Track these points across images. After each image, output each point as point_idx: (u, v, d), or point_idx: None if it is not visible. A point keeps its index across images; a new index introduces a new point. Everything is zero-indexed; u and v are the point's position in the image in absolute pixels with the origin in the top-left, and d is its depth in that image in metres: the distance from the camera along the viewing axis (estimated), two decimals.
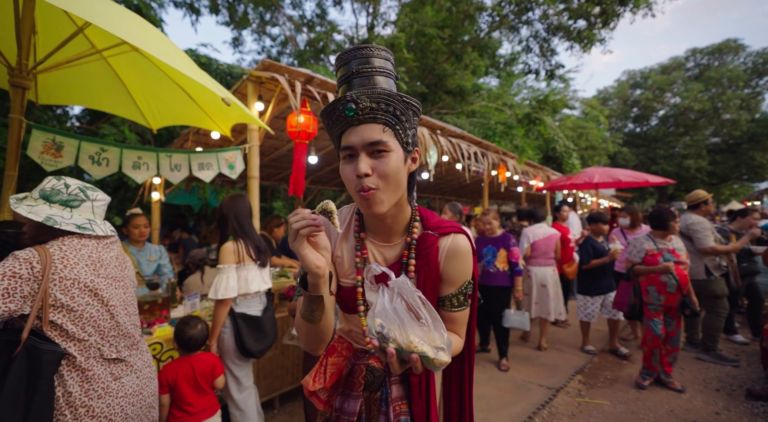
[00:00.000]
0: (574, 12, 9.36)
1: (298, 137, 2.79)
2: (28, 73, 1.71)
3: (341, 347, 1.00)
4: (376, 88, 0.76)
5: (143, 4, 5.71)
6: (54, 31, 2.10)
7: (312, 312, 0.78)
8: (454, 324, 0.91)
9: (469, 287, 0.90)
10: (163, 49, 1.55)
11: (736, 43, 22.93)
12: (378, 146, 0.76)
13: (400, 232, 0.90)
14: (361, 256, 0.90)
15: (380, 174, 0.76)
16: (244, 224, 2.19)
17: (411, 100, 0.78)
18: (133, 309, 1.38)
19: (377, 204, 0.77)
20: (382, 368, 0.92)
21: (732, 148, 21.96)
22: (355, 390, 0.93)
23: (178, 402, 1.84)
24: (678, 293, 2.86)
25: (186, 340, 1.90)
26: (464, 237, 0.89)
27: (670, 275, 2.87)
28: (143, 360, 1.36)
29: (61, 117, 6.51)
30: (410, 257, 0.86)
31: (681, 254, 2.97)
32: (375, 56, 0.79)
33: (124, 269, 1.36)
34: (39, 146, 2.03)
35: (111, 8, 1.56)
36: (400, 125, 0.78)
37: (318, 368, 0.99)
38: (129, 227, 2.85)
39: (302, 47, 13.02)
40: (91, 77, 2.47)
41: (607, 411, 2.72)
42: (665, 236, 3.03)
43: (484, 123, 8.69)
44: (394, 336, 0.65)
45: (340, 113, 0.77)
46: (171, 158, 2.69)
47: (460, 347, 0.93)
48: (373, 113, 0.75)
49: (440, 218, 0.93)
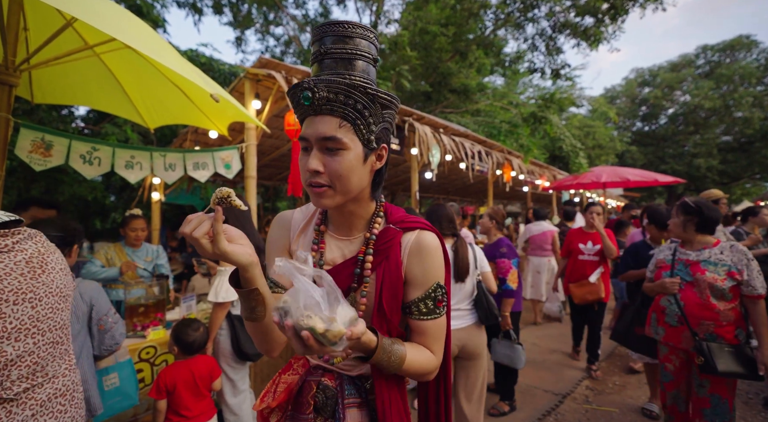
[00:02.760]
0: (582, 8, 9.20)
1: (296, 135, 2.74)
2: (15, 70, 1.67)
3: (297, 364, 0.90)
4: (335, 78, 0.68)
5: (145, 3, 5.71)
6: (46, 28, 2.06)
7: (253, 309, 0.71)
8: (424, 337, 0.80)
9: (439, 291, 0.80)
10: (151, 44, 1.50)
11: (748, 40, 22.46)
12: (331, 143, 0.69)
13: (361, 227, 0.84)
14: (318, 250, 0.84)
15: (331, 173, 0.71)
16: (245, 225, 2.16)
17: (380, 92, 0.70)
18: (55, 326, 0.97)
19: (325, 199, 0.73)
20: (335, 387, 0.82)
21: (744, 146, 21.51)
22: (303, 412, 0.81)
23: (175, 407, 1.80)
24: (683, 329, 1.85)
25: (189, 343, 1.86)
26: (432, 234, 0.81)
27: (670, 298, 1.91)
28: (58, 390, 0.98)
29: (66, 118, 6.54)
30: (367, 253, 0.79)
31: (710, 270, 1.81)
32: (351, 35, 0.71)
33: (39, 275, 0.93)
34: (27, 145, 1.99)
35: (99, 4, 1.51)
36: (361, 119, 0.70)
37: (269, 386, 0.90)
38: (126, 230, 2.82)
39: (306, 47, 13.00)
40: (87, 76, 2.44)
41: (616, 418, 2.62)
42: (700, 242, 1.93)
43: (488, 122, 8.59)
44: (292, 312, 0.60)
45: (297, 99, 0.71)
46: (165, 158, 2.65)
47: (433, 366, 0.80)
48: (330, 105, 0.68)
49: (406, 214, 0.86)
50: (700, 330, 1.81)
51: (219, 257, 0.64)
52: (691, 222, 1.90)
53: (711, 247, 1.88)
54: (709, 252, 1.87)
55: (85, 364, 1.50)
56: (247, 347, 2.10)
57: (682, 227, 1.93)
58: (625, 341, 2.43)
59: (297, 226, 0.90)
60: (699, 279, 1.81)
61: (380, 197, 0.87)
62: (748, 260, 1.77)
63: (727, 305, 1.78)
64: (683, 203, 1.93)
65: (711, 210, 1.85)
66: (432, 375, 0.82)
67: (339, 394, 0.81)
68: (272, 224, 0.95)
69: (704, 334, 1.80)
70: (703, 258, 1.86)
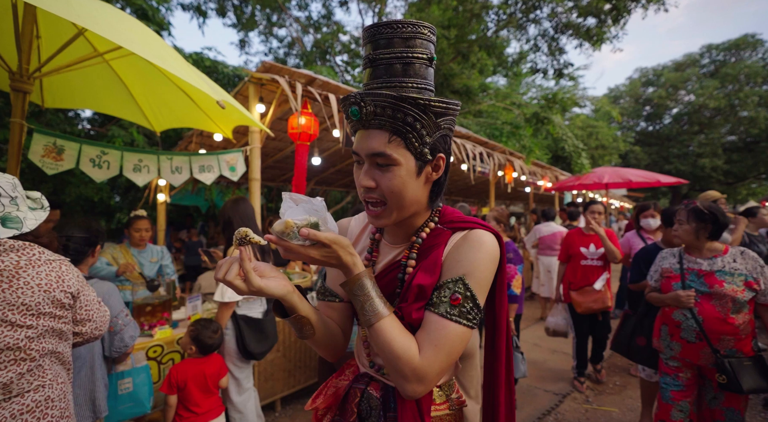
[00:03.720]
0: (584, 9, 9.19)
1: (299, 138, 2.78)
2: (29, 78, 1.73)
3: (349, 370, 0.92)
4: (383, 91, 0.65)
5: (149, 6, 5.79)
6: (57, 36, 2.12)
7: (301, 330, 0.74)
8: (422, 330, 0.69)
9: (460, 287, 0.68)
10: (159, 52, 1.54)
11: (754, 39, 22.26)
12: (381, 159, 0.67)
13: (412, 234, 0.82)
14: (371, 258, 0.84)
15: (384, 189, 0.69)
16: (250, 226, 2.21)
17: (433, 101, 0.65)
18: (7, 346, 0.91)
19: (381, 220, 0.73)
20: (379, 397, 0.79)
21: (749, 146, 21.33)
22: (348, 418, 0.81)
23: (185, 403, 1.85)
24: (702, 345, 1.73)
25: (209, 346, 1.93)
26: (487, 234, 0.73)
27: (687, 312, 1.77)
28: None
29: (72, 120, 6.65)
30: (410, 257, 0.77)
31: (728, 281, 1.70)
32: (401, 36, 0.66)
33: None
34: (40, 149, 2.06)
35: (108, 13, 1.56)
36: (413, 132, 0.66)
37: (322, 388, 0.92)
38: (131, 230, 2.88)
39: (309, 48, 13.07)
40: (95, 80, 2.50)
41: (616, 418, 2.64)
42: (710, 249, 1.81)
43: (491, 123, 8.60)
44: (274, 227, 0.68)
45: (346, 113, 0.71)
46: (172, 161, 2.71)
47: (411, 365, 0.65)
48: (379, 119, 0.66)
49: (462, 215, 0.80)
50: (721, 346, 1.69)
51: (256, 294, 0.66)
52: (704, 230, 1.77)
53: (722, 255, 1.77)
54: (721, 261, 1.75)
55: (95, 365, 1.52)
56: (252, 346, 2.14)
57: (694, 234, 1.79)
58: (627, 352, 2.30)
59: (353, 234, 0.92)
60: (718, 292, 1.69)
61: (438, 204, 0.83)
62: (761, 266, 1.70)
63: (745, 316, 1.69)
64: (696, 209, 1.79)
65: (724, 217, 1.75)
66: (409, 382, 0.65)
67: (381, 406, 0.77)
68: None
69: (725, 350, 1.69)
70: (717, 268, 1.74)
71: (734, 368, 1.63)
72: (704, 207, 1.78)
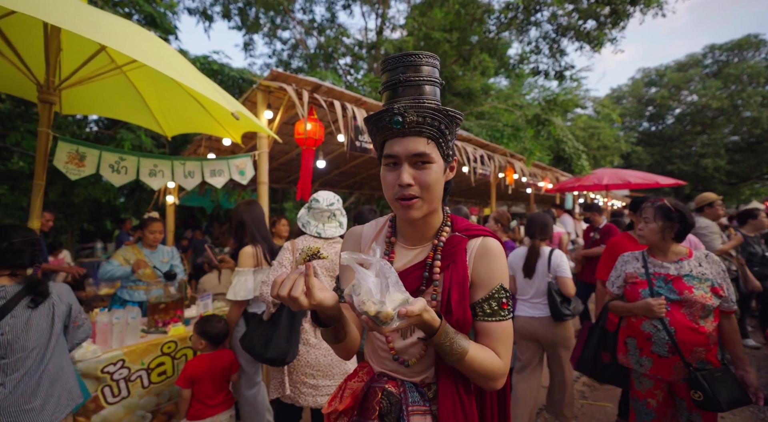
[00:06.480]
0: (584, 13, 9.26)
1: (306, 143, 2.89)
2: (54, 90, 1.85)
3: (362, 372, 0.96)
4: (423, 103, 0.78)
5: (157, 13, 5.92)
6: (78, 48, 2.23)
7: (337, 335, 0.81)
8: (489, 339, 0.82)
9: (503, 293, 0.83)
10: (176, 66, 1.65)
11: (757, 39, 22.19)
12: (421, 158, 0.80)
13: (429, 236, 0.91)
14: (388, 259, 0.91)
15: (422, 184, 0.80)
16: (261, 228, 2.31)
17: (455, 113, 0.81)
18: None
19: (415, 211, 0.82)
20: (399, 393, 0.85)
21: (752, 146, 21.27)
22: (368, 417, 0.84)
23: (199, 396, 1.96)
24: (675, 359, 1.57)
25: (215, 335, 2.06)
26: (495, 240, 0.88)
27: (657, 322, 1.60)
28: None
29: (81, 122, 6.79)
30: (435, 258, 0.86)
31: (696, 287, 1.58)
32: (423, 64, 0.81)
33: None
34: (64, 156, 2.17)
35: (127, 30, 1.67)
36: (443, 138, 0.81)
37: (337, 391, 0.95)
38: (145, 231, 2.99)
39: (312, 51, 13.19)
40: (110, 89, 2.61)
41: (610, 413, 2.73)
42: (675, 252, 1.69)
43: (492, 125, 8.68)
44: (354, 298, 0.70)
45: (386, 123, 0.80)
46: (185, 166, 2.82)
47: (499, 369, 0.80)
48: (419, 127, 0.78)
49: (470, 223, 0.94)
50: (692, 359, 1.54)
51: (314, 307, 0.72)
52: (670, 229, 1.65)
53: (687, 258, 1.66)
54: (688, 265, 1.63)
55: (63, 360, 1.58)
56: (254, 346, 2.21)
57: (660, 233, 1.67)
58: (592, 371, 1.92)
59: (367, 239, 0.99)
60: (688, 299, 1.55)
61: (446, 209, 0.95)
62: (724, 271, 1.63)
63: (713, 324, 1.58)
64: (662, 206, 1.68)
65: (691, 217, 1.66)
66: (498, 381, 0.81)
67: (403, 401, 0.84)
68: (344, 239, 1.06)
69: (696, 363, 1.55)
70: (684, 272, 1.62)
71: (708, 382, 1.49)
72: (672, 205, 1.67)
